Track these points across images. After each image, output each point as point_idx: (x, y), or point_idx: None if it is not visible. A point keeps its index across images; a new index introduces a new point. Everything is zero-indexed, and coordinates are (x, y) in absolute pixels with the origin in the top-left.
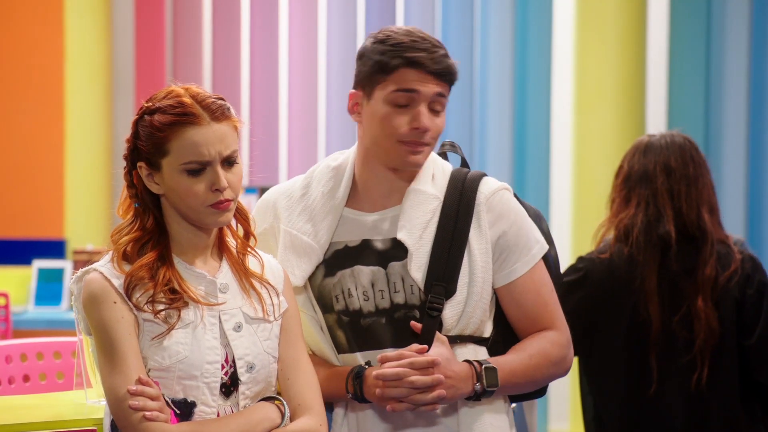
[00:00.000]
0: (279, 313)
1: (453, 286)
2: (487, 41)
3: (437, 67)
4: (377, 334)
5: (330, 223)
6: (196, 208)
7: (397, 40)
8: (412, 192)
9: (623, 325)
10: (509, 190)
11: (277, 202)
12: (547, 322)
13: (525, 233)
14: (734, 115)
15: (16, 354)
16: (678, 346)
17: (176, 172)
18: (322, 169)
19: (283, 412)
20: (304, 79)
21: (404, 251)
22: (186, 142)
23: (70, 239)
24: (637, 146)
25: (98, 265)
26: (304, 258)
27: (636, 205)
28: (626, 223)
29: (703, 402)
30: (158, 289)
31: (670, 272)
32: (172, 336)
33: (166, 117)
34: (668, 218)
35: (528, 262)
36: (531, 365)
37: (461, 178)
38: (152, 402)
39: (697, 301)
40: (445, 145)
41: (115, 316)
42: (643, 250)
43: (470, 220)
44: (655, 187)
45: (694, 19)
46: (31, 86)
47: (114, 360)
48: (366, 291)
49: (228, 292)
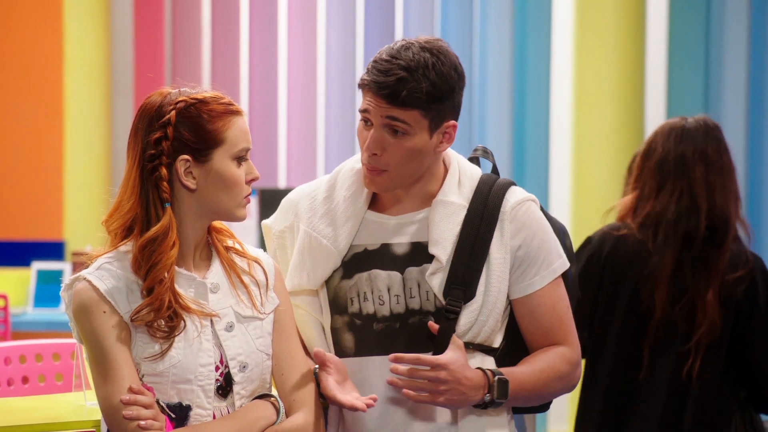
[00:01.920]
0: (270, 309)
1: (472, 291)
2: (487, 42)
3: (384, 92)
4: (390, 339)
5: (351, 228)
6: (236, 199)
7: (374, 58)
8: (439, 204)
9: (621, 307)
10: (536, 201)
11: (300, 202)
12: (559, 337)
13: (546, 247)
14: (733, 116)
15: (15, 356)
16: (675, 336)
17: (229, 161)
18: (346, 171)
19: (278, 408)
20: (303, 81)
21: (423, 257)
22: (239, 130)
23: (69, 241)
24: (673, 128)
25: (87, 272)
26: (322, 261)
27: (669, 194)
28: (658, 211)
29: (687, 392)
30: (161, 317)
31: (682, 265)
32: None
33: (220, 106)
34: (702, 212)
35: (547, 277)
36: (541, 379)
37: (489, 184)
38: (146, 410)
39: (707, 295)
40: (477, 150)
41: (106, 326)
42: (665, 240)
43: (493, 228)
44: (694, 178)
45: (693, 20)
46: (30, 88)
47: (106, 370)
48: (381, 295)
49: (218, 291)
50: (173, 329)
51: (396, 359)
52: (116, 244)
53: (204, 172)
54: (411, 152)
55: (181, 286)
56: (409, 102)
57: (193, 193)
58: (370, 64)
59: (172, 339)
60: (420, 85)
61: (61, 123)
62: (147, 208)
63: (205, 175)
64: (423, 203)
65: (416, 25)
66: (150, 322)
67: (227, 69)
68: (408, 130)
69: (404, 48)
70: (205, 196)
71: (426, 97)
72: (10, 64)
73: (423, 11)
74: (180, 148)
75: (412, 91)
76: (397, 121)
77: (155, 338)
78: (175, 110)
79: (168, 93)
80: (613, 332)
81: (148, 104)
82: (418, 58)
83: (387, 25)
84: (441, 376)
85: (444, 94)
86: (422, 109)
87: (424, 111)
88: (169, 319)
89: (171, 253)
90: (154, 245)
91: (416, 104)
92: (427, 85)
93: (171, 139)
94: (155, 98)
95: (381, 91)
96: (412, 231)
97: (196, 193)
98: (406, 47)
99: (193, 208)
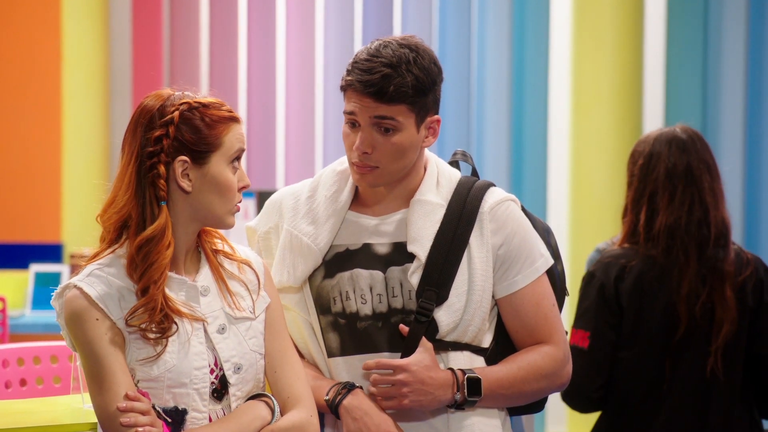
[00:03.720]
0: (261, 309)
1: (445, 292)
2: (484, 44)
3: (370, 90)
4: (373, 338)
5: (332, 227)
6: (227, 204)
7: (355, 58)
8: (417, 203)
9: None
10: (516, 201)
11: (283, 202)
12: (544, 335)
13: (528, 245)
14: (731, 118)
15: (13, 358)
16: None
17: (225, 166)
18: (328, 172)
19: (273, 408)
20: (301, 84)
21: (404, 257)
22: (235, 135)
23: (67, 243)
24: (672, 140)
25: (77, 279)
26: (303, 259)
27: (680, 204)
28: (671, 223)
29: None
30: (153, 321)
31: (701, 272)
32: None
33: (220, 112)
34: (712, 219)
35: (530, 275)
36: (519, 377)
37: (468, 186)
38: (143, 417)
39: (725, 293)
40: (456, 154)
41: (99, 333)
42: (682, 252)
43: (471, 229)
44: (702, 187)
45: (690, 23)
46: (28, 90)
47: (101, 378)
48: (364, 294)
49: (209, 294)
50: (165, 330)
51: (365, 367)
52: (111, 240)
53: (200, 175)
54: (401, 148)
55: (172, 290)
56: (396, 97)
57: (187, 195)
58: (350, 65)
59: (166, 341)
60: (405, 80)
61: (59, 125)
62: (143, 206)
63: (201, 178)
64: (404, 203)
65: (414, 27)
66: (144, 323)
67: (225, 71)
68: (396, 126)
69: (383, 46)
70: (199, 199)
71: (412, 90)
72: (9, 66)
73: (421, 13)
74: (179, 149)
75: (398, 86)
76: (386, 119)
77: (148, 341)
78: (179, 111)
79: (171, 93)
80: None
81: (150, 102)
82: (399, 54)
83: (385, 28)
84: (401, 378)
85: (427, 87)
86: (409, 103)
87: (410, 105)
88: (161, 321)
89: (167, 253)
90: (151, 245)
91: (403, 99)
92: (412, 78)
93: (172, 138)
94: (157, 97)
95: (367, 89)
96: (393, 231)
97: (191, 196)
98: (384, 45)
99: (187, 211)
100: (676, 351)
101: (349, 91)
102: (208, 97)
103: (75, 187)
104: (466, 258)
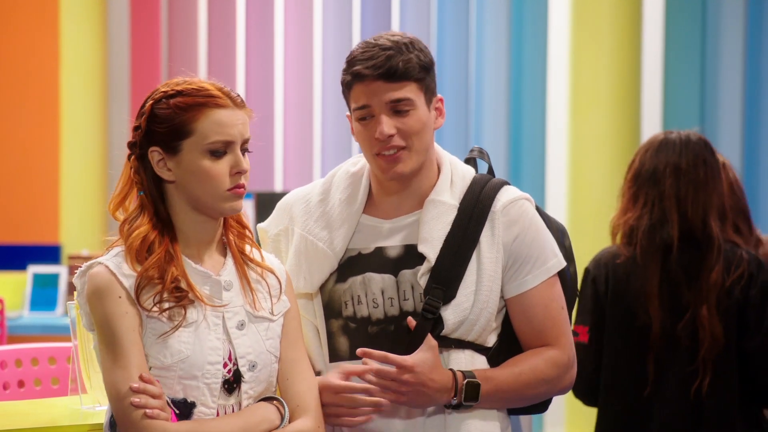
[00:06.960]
0: (280, 311)
1: (453, 291)
2: (483, 44)
3: (380, 71)
4: (384, 342)
5: (346, 231)
6: (214, 192)
7: (351, 55)
8: (431, 203)
9: (621, 325)
10: (530, 200)
11: (294, 206)
12: (551, 338)
13: (540, 245)
14: (729, 119)
15: (11, 359)
16: (680, 354)
17: (198, 154)
18: (342, 174)
19: (283, 413)
20: (300, 85)
21: (416, 259)
22: (212, 122)
23: (65, 244)
24: (652, 143)
25: (104, 258)
26: (319, 265)
27: (642, 206)
28: (631, 224)
29: (698, 408)
30: (166, 287)
31: (671, 276)
32: (175, 335)
33: (191, 98)
34: (673, 222)
35: (540, 275)
36: (520, 382)
37: (481, 184)
38: (154, 400)
39: (701, 310)
40: (473, 151)
41: (120, 311)
42: (645, 252)
43: (482, 227)
44: (663, 189)
45: (689, 23)
46: (26, 91)
47: (116, 355)
48: (375, 298)
49: (232, 289)
50: (181, 299)
51: (364, 354)
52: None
53: (176, 164)
54: (420, 124)
55: (196, 282)
56: (406, 74)
57: (175, 185)
58: (348, 63)
59: (182, 318)
60: (410, 56)
61: (58, 126)
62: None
63: (177, 167)
64: (417, 205)
65: (413, 28)
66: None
67: (224, 73)
68: (411, 104)
69: (376, 38)
70: (185, 188)
71: (418, 67)
72: (7, 68)
73: (419, 14)
74: (150, 140)
75: (406, 63)
76: (400, 102)
77: (163, 321)
78: (152, 100)
79: (184, 81)
80: (616, 351)
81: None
82: (395, 39)
83: (383, 29)
84: (404, 378)
85: (429, 65)
86: (417, 80)
87: (419, 82)
88: (176, 291)
89: (142, 230)
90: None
91: (412, 75)
92: (415, 56)
93: (143, 130)
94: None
95: (377, 72)
96: (404, 234)
97: (177, 185)
98: (377, 38)
99: (182, 199)
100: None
101: (356, 84)
102: (194, 82)
103: (73, 189)
104: (476, 257)
